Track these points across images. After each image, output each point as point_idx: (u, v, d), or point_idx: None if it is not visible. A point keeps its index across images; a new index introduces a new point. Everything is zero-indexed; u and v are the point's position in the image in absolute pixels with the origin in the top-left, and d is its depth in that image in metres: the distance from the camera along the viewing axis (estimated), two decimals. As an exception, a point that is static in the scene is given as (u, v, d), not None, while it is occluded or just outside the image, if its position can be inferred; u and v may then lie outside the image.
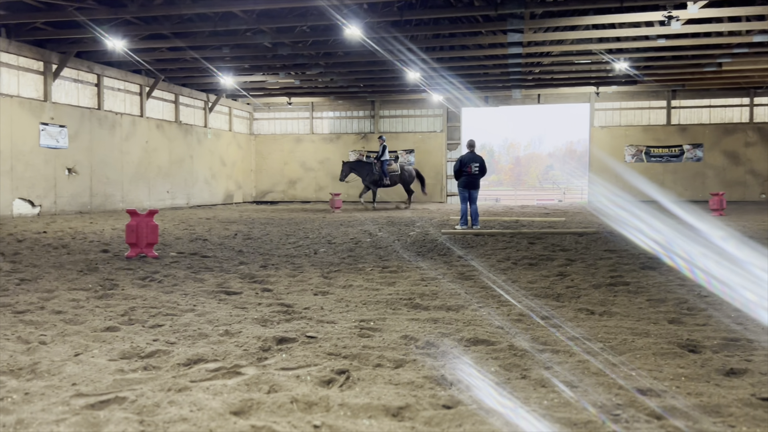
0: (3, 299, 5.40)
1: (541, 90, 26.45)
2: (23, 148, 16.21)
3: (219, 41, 16.80)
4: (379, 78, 22.97)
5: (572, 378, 3.31)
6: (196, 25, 15.46)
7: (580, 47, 17.93)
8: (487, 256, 8.67)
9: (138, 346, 3.92)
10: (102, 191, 19.18)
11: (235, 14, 14.91)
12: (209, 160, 25.65)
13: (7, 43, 15.82)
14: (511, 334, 4.26)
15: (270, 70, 21.78)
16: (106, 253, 8.82)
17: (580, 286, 6.23)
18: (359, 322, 4.61)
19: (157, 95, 22.37)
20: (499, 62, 19.88)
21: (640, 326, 4.46)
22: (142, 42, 16.79)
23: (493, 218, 16.66)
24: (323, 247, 9.94)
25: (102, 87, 19.52)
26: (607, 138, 26.59)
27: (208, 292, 5.90)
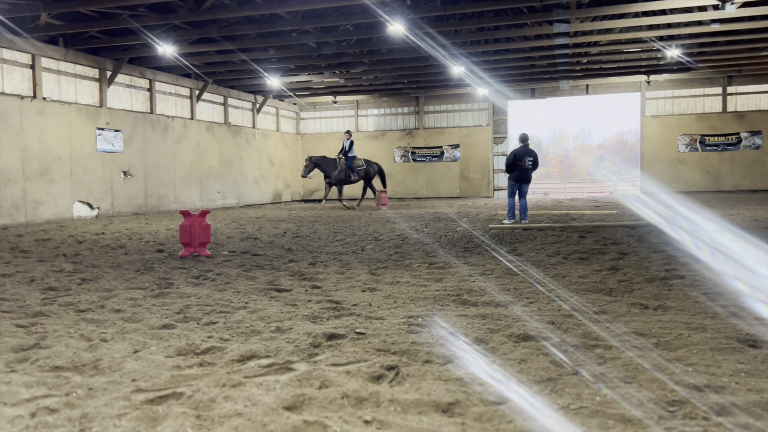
0: (66, 298, 5.64)
1: (589, 80, 25.88)
2: (81, 153, 16.84)
3: (265, 43, 17.07)
4: (423, 74, 22.91)
5: (625, 374, 3.25)
6: (243, 27, 15.74)
7: (630, 35, 17.45)
8: (536, 251, 8.56)
9: (193, 342, 4.03)
10: (156, 193, 19.76)
11: (280, 15, 15.12)
12: (258, 161, 26.10)
13: (65, 53, 16.45)
14: (562, 329, 4.20)
15: (315, 70, 22.00)
16: (161, 253, 9.09)
17: (633, 280, 6.10)
18: (407, 319, 4.63)
19: (206, 98, 22.89)
20: (546, 53, 19.54)
21: (697, 321, 4.34)
22: (191, 46, 17.20)
23: (542, 212, 16.42)
24: (370, 244, 10.00)
25: (154, 91, 20.09)
26: (660, 127, 25.83)
27: (259, 290, 6.02)
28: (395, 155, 28.54)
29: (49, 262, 8.08)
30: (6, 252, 9.26)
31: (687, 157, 25.51)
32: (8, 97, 14.71)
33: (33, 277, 6.84)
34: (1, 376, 3.38)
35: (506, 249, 8.88)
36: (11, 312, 5.08)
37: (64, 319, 4.82)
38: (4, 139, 14.45)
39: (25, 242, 10.65)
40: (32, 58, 15.52)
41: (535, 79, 24.96)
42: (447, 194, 27.74)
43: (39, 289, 6.16)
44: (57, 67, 16.40)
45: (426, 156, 28.08)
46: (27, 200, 15.10)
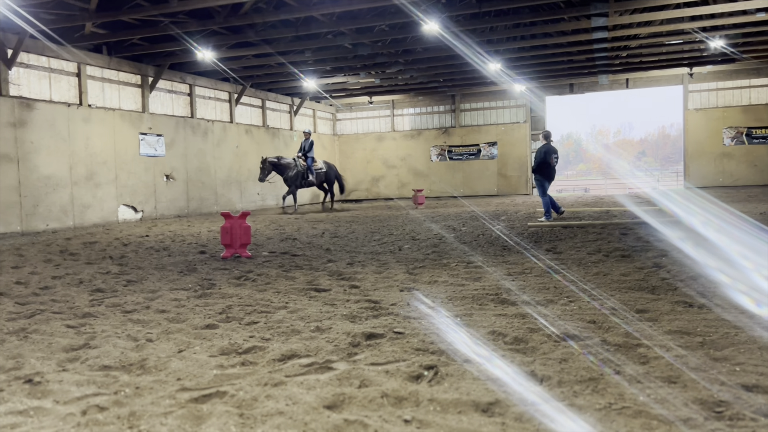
0: (113, 299, 5.81)
1: (629, 74, 25.36)
2: (125, 158, 17.30)
3: (301, 45, 17.24)
4: (459, 72, 22.80)
5: (670, 373, 3.19)
6: (279, 31, 15.93)
7: (671, 27, 17.04)
8: (576, 249, 8.45)
9: (236, 342, 4.11)
10: (197, 195, 20.15)
11: (316, 18, 15.25)
12: (296, 162, 26.37)
13: (109, 60, 16.92)
14: (604, 328, 4.15)
15: (351, 71, 22.11)
16: (203, 255, 9.27)
17: (678, 277, 5.96)
18: (446, 318, 4.62)
19: (244, 101, 23.25)
20: (584, 48, 19.23)
21: (743, 319, 4.23)
22: (229, 51, 17.49)
23: (582, 209, 16.17)
24: (407, 243, 10.01)
25: (194, 96, 20.49)
26: (703, 121, 25.14)
27: (298, 290, 6.09)
28: (431, 154, 28.48)
29: (96, 265, 8.33)
30: (56, 255, 9.58)
31: (733, 150, 24.77)
32: (56, 104, 15.20)
33: (81, 279, 7.06)
34: (53, 375, 3.51)
35: (545, 247, 8.78)
36: (62, 313, 5.26)
37: (112, 319, 4.97)
38: (52, 146, 14.94)
39: (73, 245, 11.00)
40: (78, 66, 16.01)
41: (573, 74, 24.59)
42: (484, 192, 27.55)
43: (87, 290, 6.36)
44: (101, 74, 16.87)
45: (463, 154, 27.94)
46: (75, 204, 15.58)
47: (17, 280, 7.05)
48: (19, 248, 10.60)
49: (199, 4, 12.89)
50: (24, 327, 4.73)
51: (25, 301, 5.84)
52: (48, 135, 14.85)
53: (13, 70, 14.11)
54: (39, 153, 14.59)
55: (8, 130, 13.84)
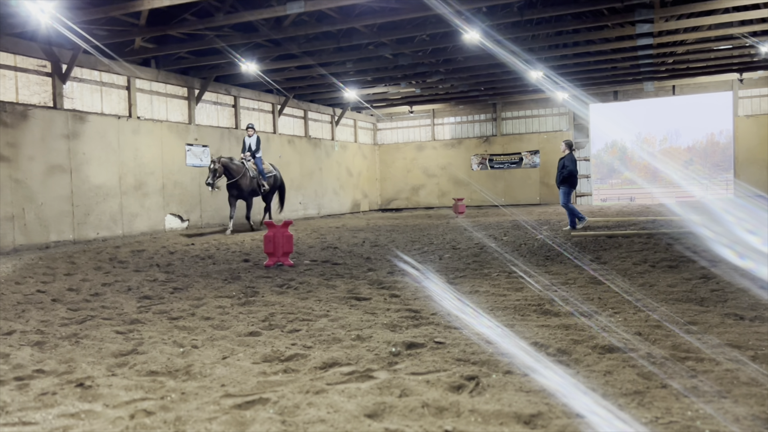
0: (160, 306, 5.96)
1: (675, 81, 24.77)
2: (172, 168, 17.74)
3: (343, 56, 17.42)
4: (500, 80, 22.65)
5: (719, 388, 3.09)
6: (321, 43, 16.13)
7: (719, 32, 16.58)
8: (621, 259, 8.28)
9: (278, 350, 4.17)
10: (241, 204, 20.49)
11: (357, 29, 15.40)
12: (337, 172, 26.59)
13: (157, 74, 17.41)
14: (650, 341, 4.05)
15: (391, 81, 22.21)
16: (246, 263, 9.42)
17: (727, 289, 5.78)
18: (487, 328, 4.59)
19: (287, 112, 23.59)
20: (628, 55, 18.87)
21: (799, 333, 4.07)
22: (272, 63, 17.79)
23: (627, 218, 15.83)
24: (448, 252, 9.97)
25: (238, 107, 20.91)
26: (754, 127, 24.34)
27: (339, 298, 6.13)
28: (472, 163, 28.33)
29: (144, 272, 8.55)
30: (105, 263, 9.87)
31: (786, 158, 23.88)
32: (107, 117, 15.71)
33: (130, 287, 7.26)
34: (103, 380, 3.62)
35: (590, 257, 8.63)
36: (111, 319, 5.42)
37: (159, 326, 5.09)
38: (103, 157, 15.44)
39: (122, 253, 11.32)
40: (128, 80, 16.52)
41: (618, 81, 24.15)
42: (526, 201, 27.23)
43: (135, 297, 6.54)
44: (150, 87, 17.37)
45: (504, 163, 27.71)
46: (123, 213, 16.04)
47: (69, 287, 7.30)
48: (72, 256, 10.97)
49: (244, 18, 13.17)
50: (76, 332, 4.89)
51: (77, 307, 6.04)
52: (99, 146, 15.35)
53: (67, 84, 14.65)
54: (90, 164, 15.09)
55: (62, 141, 14.36)
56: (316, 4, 12.34)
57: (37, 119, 13.77)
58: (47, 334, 4.86)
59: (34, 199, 13.57)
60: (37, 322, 5.30)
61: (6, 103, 13.16)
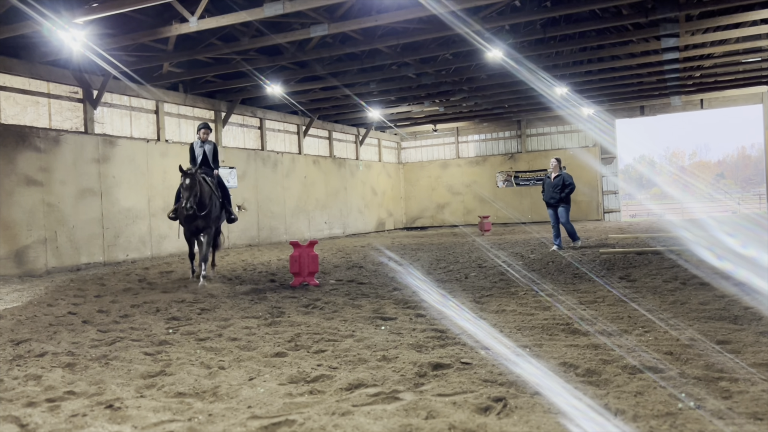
0: (187, 327, 6.01)
1: (703, 94, 24.44)
2: (199, 190, 17.99)
3: (366, 77, 17.58)
4: (525, 97, 22.60)
5: (755, 410, 3.01)
6: (345, 64, 16.32)
7: (747, 45, 16.37)
8: (651, 276, 8.13)
9: (304, 371, 4.17)
10: (268, 225, 20.68)
11: (380, 50, 15.54)
12: (361, 191, 26.71)
13: (184, 97, 17.76)
14: (682, 360, 3.96)
15: (415, 100, 22.33)
16: (273, 283, 9.47)
17: (762, 305, 5.64)
18: (515, 349, 4.53)
19: (312, 133, 23.83)
20: (654, 69, 18.71)
21: (839, 352, 3.95)
22: (297, 85, 18.03)
23: (657, 234, 15.58)
24: (474, 271, 9.90)
25: (264, 129, 21.19)
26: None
27: (365, 318, 6.12)
28: (497, 180, 28.21)
29: (172, 293, 8.64)
30: (134, 284, 10.02)
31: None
32: (136, 141, 16.04)
33: (158, 308, 7.35)
34: (132, 401, 3.65)
35: (618, 275, 8.50)
36: (140, 340, 5.48)
37: (186, 347, 5.14)
38: (132, 180, 15.74)
39: (150, 274, 11.47)
40: (156, 104, 16.88)
41: (644, 96, 23.92)
42: (553, 219, 26.96)
43: (163, 318, 6.61)
44: (177, 111, 17.71)
45: (530, 180, 27.53)
46: (152, 235, 16.29)
47: (99, 309, 7.41)
48: (101, 278, 11.15)
49: (269, 42, 13.39)
50: (105, 354, 4.96)
51: (107, 328, 6.13)
52: (128, 169, 15.65)
53: (98, 109, 15.02)
54: (120, 187, 15.39)
55: (93, 165, 14.68)
56: (339, 26, 12.51)
57: (68, 144, 14.12)
58: (78, 355, 4.94)
59: (66, 222, 13.86)
60: (68, 344, 5.38)
61: (39, 129, 13.53)
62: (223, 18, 11.53)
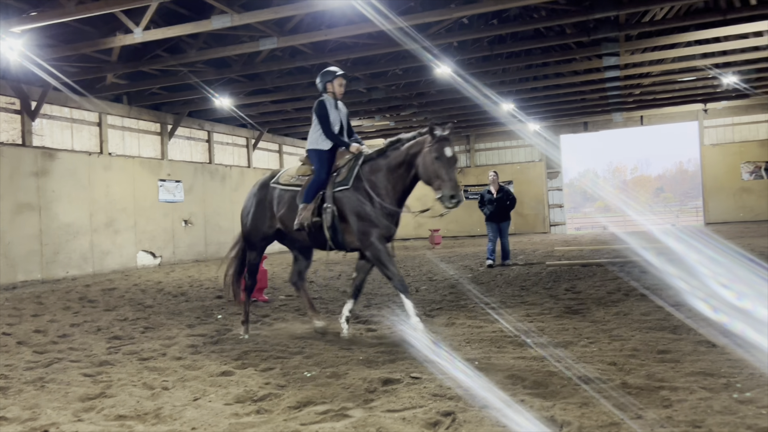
0: (130, 347, 5.81)
1: (643, 111, 25.38)
2: (144, 204, 17.54)
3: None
4: (473, 112, 22.98)
5: (694, 417, 3.10)
6: (295, 77, 16.25)
7: (683, 65, 17.11)
8: (596, 288, 8.34)
9: (251, 389, 4.08)
10: (215, 240, 20.29)
11: (331, 65, 15.54)
12: (312, 205, 26.55)
13: (129, 110, 17.34)
14: (625, 371, 4.06)
15: (366, 114, 22.41)
16: (220, 299, 9.28)
17: (699, 316, 5.84)
18: (464, 362, 4.56)
19: (262, 146, 23.60)
20: (597, 87, 19.33)
21: None
22: (246, 98, 17.85)
23: (601, 247, 16.01)
24: (424, 284, 9.95)
25: (212, 142, 20.86)
26: (720, 156, 24.98)
27: (314, 334, 6.05)
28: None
29: (114, 311, 8.36)
30: (75, 302, 9.64)
31: (752, 185, 24.51)
32: (77, 154, 15.54)
33: (99, 327, 7.09)
34: (68, 426, 3.49)
35: (564, 287, 8.68)
36: (79, 361, 5.26)
37: (128, 367, 4.96)
38: (73, 194, 15.21)
39: (92, 292, 11.07)
40: (99, 116, 16.41)
41: (587, 112, 24.68)
42: (502, 232, 27.40)
43: (105, 338, 6.37)
44: (121, 123, 17.27)
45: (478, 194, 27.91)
46: (94, 251, 15.75)
47: (36, 329, 7.09)
48: (39, 296, 10.70)
49: (217, 54, 13.23)
50: (41, 376, 4.74)
51: (44, 349, 5.86)
52: (69, 183, 15.13)
53: (36, 121, 14.49)
54: (60, 201, 14.85)
55: (31, 179, 14.13)
56: (288, 40, 12.48)
57: (4, 157, 13.57)
58: (11, 378, 4.70)
59: (1, 239, 13.28)
60: (1, 367, 5.13)
61: (-27, 141, 12.97)
62: (170, 30, 11.34)
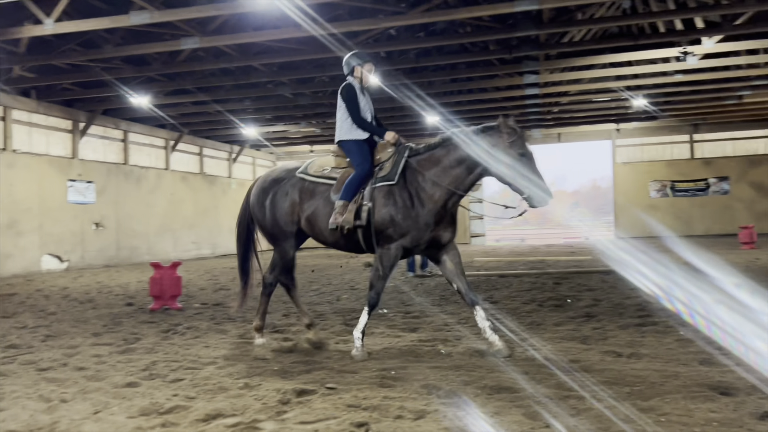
0: (28, 356, 5.44)
1: (561, 129, 26.45)
2: (51, 205, 16.60)
3: (241, 94, 17.21)
4: (399, 123, 23.18)
5: (598, 426, 3.19)
6: (219, 79, 15.88)
7: (598, 85, 17.95)
8: (511, 298, 8.54)
9: (157, 402, 3.89)
10: (128, 244, 19.46)
11: (256, 68, 15.29)
12: (234, 210, 25.73)
13: (37, 105, 16.39)
14: (536, 380, 4.14)
15: (292, 120, 22.17)
16: (130, 307, 8.88)
17: (607, 327, 6.08)
18: (380, 371, 4.53)
19: (181, 148, 22.87)
20: (518, 103, 19.98)
21: (670, 368, 4.31)
22: (166, 98, 17.27)
23: (518, 258, 16.48)
24: (346, 293, 9.89)
25: (128, 142, 20.05)
26: (631, 174, 26.36)
27: (229, 344, 5.88)
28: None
29: (12, 319, 7.83)
30: (-31, 308, 8.97)
31: (658, 202, 25.98)
32: (-22, 149, 14.54)
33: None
34: (-51, 443, 3.21)
35: (482, 296, 8.83)
36: (-32, 372, 4.87)
37: (24, 378, 4.63)
38: (-28, 192, 14.21)
39: (-11, 297, 10.34)
40: (3, 110, 15.43)
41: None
42: (424, 242, 27.74)
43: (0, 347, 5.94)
44: (29, 119, 16.30)
45: (402, 204, 28.15)
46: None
47: None
48: (-72, 301, 9.89)
49: (136, 51, 12.73)
50: None
51: (-72, 359, 5.39)
52: (-32, 180, 14.13)
53: (-68, 112, 13.47)
54: (-43, 199, 13.84)
55: (-76, 174, 13.10)
56: (212, 40, 12.18)
57: None
58: None
59: None
60: None
61: None
62: (84, 23, 10.82)
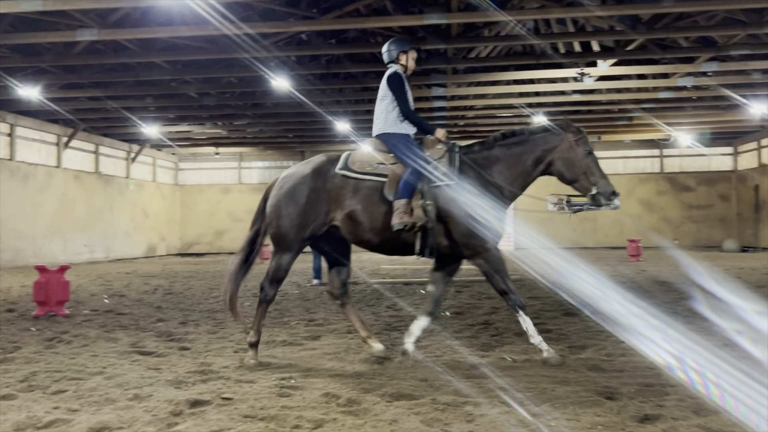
0: None
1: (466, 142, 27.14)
2: (-76, 201, 15.18)
3: (142, 91, 16.46)
4: (309, 128, 23.05)
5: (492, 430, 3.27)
6: (118, 74, 15.12)
7: (502, 101, 18.63)
8: (415, 306, 8.64)
9: (35, 415, 3.61)
10: (12, 246, 18.08)
11: (159, 64, 14.68)
12: (131, 212, 24.77)
13: None
14: (435, 386, 4.20)
15: (196, 120, 21.47)
16: (11, 313, 8.24)
17: (505, 334, 6.28)
18: (279, 380, 4.44)
19: (75, 145, 21.57)
20: (426, 115, 20.32)
21: (560, 374, 4.50)
22: (60, 91, 16.25)
23: (422, 267, 16.74)
24: (248, 300, 9.65)
25: (14, 137, 18.69)
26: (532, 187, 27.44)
27: (120, 353, 5.57)
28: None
29: None
30: None
31: (555, 216, 27.24)
32: None
33: None
34: None
35: (386, 304, 8.90)
36: None
37: None
38: None
39: None
40: None
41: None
42: (330, 249, 27.67)
43: None
44: None
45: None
46: None
47: None
48: None
49: (25, 40, 11.88)
50: None
51: None
52: None
53: None
54: None
55: None
56: (111, 33, 11.60)
57: None
58: None
59: None
60: None
61: None
62: (-33, 5, 9.98)
